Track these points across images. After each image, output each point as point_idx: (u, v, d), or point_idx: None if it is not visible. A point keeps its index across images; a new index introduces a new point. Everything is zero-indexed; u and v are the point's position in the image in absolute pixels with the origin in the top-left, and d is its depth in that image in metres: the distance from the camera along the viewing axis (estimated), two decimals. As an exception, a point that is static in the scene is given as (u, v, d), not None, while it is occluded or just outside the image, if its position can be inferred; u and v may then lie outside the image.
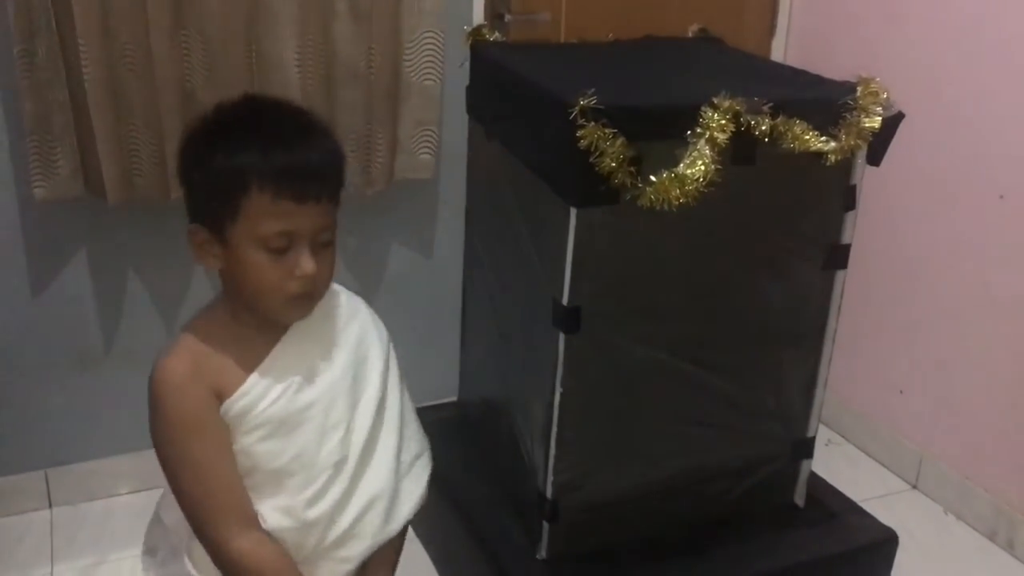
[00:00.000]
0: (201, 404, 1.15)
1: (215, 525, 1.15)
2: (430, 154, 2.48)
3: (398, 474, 1.31)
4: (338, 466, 1.20)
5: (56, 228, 2.28)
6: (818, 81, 1.59)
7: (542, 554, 1.59)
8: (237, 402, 1.16)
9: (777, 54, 2.88)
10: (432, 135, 2.47)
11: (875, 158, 1.51)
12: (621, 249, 1.45)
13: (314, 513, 1.19)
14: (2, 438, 2.38)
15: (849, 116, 1.44)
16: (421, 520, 1.99)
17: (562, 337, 1.45)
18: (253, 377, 1.17)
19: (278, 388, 1.18)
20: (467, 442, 1.91)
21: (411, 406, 1.42)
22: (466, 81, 1.84)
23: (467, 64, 1.76)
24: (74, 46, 2.04)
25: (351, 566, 1.25)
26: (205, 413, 1.15)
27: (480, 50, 1.71)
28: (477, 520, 1.71)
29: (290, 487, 1.18)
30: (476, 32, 1.73)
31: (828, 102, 1.45)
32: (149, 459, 2.46)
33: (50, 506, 2.48)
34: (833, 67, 1.82)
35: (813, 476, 1.78)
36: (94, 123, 2.10)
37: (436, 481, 1.84)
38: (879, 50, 2.54)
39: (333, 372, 1.23)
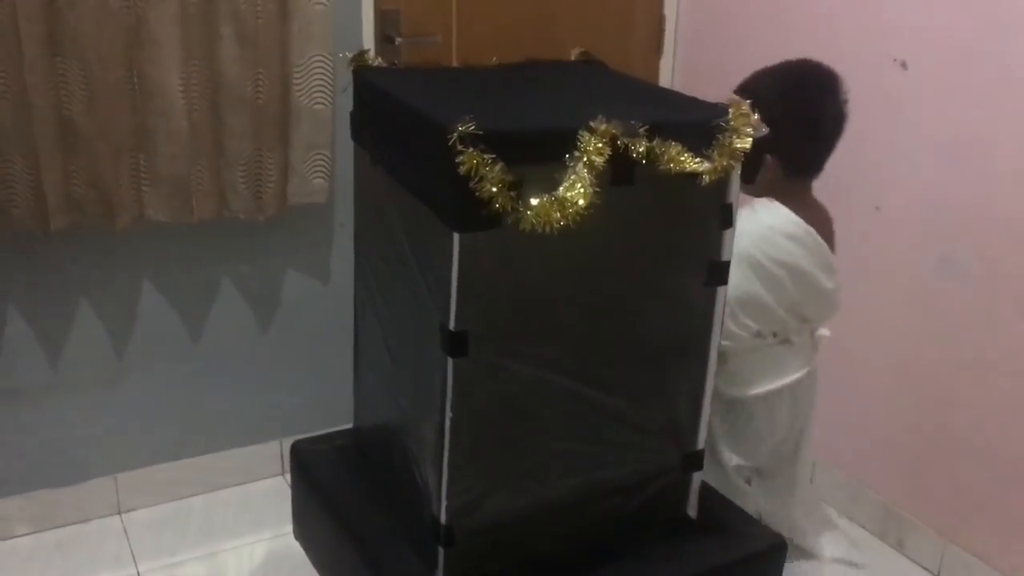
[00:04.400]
0: None
1: None
2: (323, 178, 2.47)
3: None
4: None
5: (-74, 263, 2.19)
6: (693, 103, 1.64)
7: (439, 579, 1.58)
8: None
9: (665, 75, 2.96)
10: (324, 159, 2.45)
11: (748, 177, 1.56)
12: (506, 272, 1.46)
13: None
14: None
15: (721, 137, 1.48)
16: (317, 549, 1.97)
17: (450, 361, 1.45)
18: None
19: None
20: (363, 470, 1.89)
21: None
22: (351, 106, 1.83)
23: (351, 89, 1.75)
24: (-59, 74, 1.97)
25: None
26: None
27: (362, 75, 1.70)
28: (373, 548, 1.69)
29: None
30: (358, 57, 1.73)
31: (702, 124, 1.49)
32: (36, 501, 2.38)
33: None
34: (720, 86, 1.88)
35: (705, 488, 1.82)
36: (-36, 153, 2.02)
37: (332, 510, 1.83)
38: (760, 66, 2.62)
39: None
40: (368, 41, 2.51)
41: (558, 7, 2.75)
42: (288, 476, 2.62)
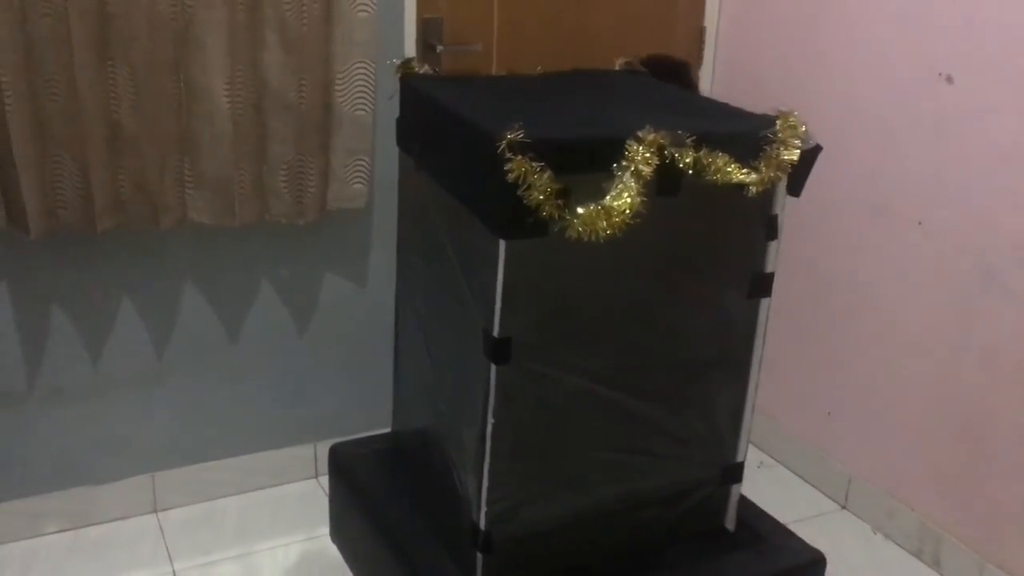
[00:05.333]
0: None
1: None
2: (363, 183, 2.48)
3: None
4: None
5: (-24, 262, 2.23)
6: (739, 114, 1.64)
7: (476, 586, 1.58)
8: None
9: (704, 85, 2.95)
10: (364, 165, 2.47)
11: (795, 189, 1.56)
12: (550, 280, 1.47)
13: None
14: (-82, 479, 2.30)
15: (769, 149, 1.48)
16: (354, 552, 1.98)
17: (493, 368, 1.46)
18: None
19: None
20: (401, 474, 1.90)
21: None
22: (397, 112, 1.85)
23: (397, 96, 1.77)
24: (-5, 77, 2.00)
25: None
26: None
27: (409, 82, 1.72)
28: (411, 552, 1.70)
29: None
30: (405, 64, 1.74)
31: (749, 135, 1.49)
32: (77, 497, 2.42)
33: (-31, 548, 2.40)
34: (758, 98, 1.87)
35: (743, 500, 1.81)
36: (16, 155, 2.06)
37: (370, 513, 1.84)
38: (802, 81, 2.62)
39: None
40: (410, 49, 2.52)
41: (598, 17, 2.76)
42: (321, 479, 2.64)
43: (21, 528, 2.45)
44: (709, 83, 2.96)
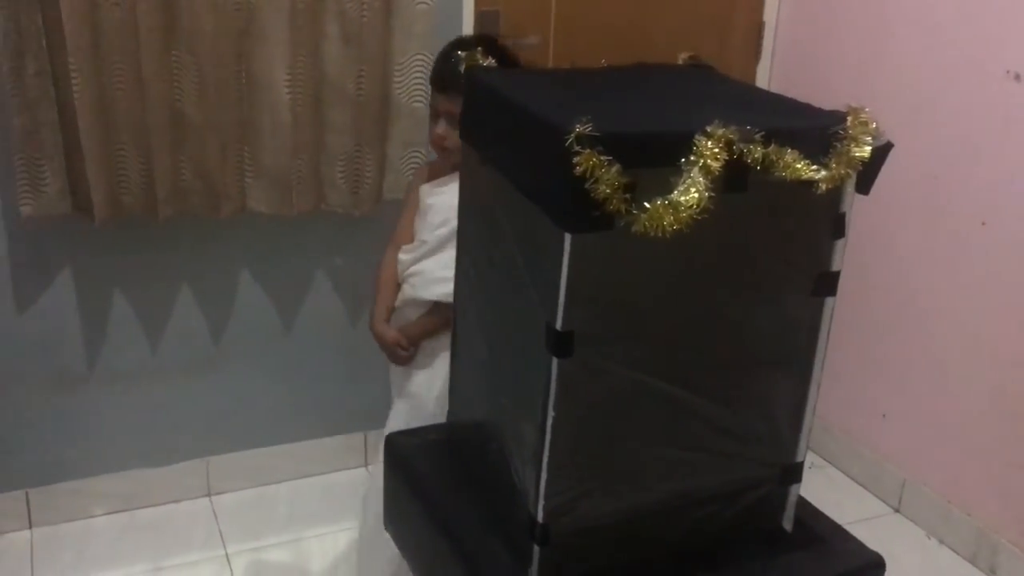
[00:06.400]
0: (413, 186, 2.17)
1: (388, 244, 2.16)
2: (418, 175, 2.49)
3: (442, 272, 1.96)
4: (420, 243, 2.06)
5: (42, 246, 2.27)
6: (807, 110, 1.61)
7: (531, 578, 1.58)
8: (418, 192, 2.10)
9: (762, 79, 2.92)
10: (420, 156, 2.48)
11: (864, 187, 1.53)
12: (614, 274, 1.46)
13: (403, 257, 2.10)
14: (-17, 458, 2.36)
15: (839, 145, 1.45)
16: (408, 541, 1.98)
17: (555, 361, 1.45)
18: (425, 184, 2.09)
19: (425, 192, 2.07)
20: (456, 464, 1.90)
21: None
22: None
23: (459, 88, 1.77)
24: (64, 65, 2.04)
25: (408, 297, 2.11)
26: (411, 191, 2.18)
27: (473, 75, 1.71)
28: (466, 543, 1.70)
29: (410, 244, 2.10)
30: (470, 57, 1.74)
31: (819, 131, 1.46)
32: (131, 479, 2.46)
33: (30, 527, 2.46)
34: (817, 92, 1.85)
35: (801, 500, 1.78)
36: (83, 142, 2.10)
37: (425, 503, 1.84)
38: (863, 78, 2.58)
39: (447, 199, 1.94)
40: (467, 41, 2.53)
41: (656, 11, 2.74)
42: (371, 468, 2.66)
43: (78, 508, 2.50)
44: (767, 79, 2.92)
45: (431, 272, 2.04)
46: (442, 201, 2.01)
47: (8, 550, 2.38)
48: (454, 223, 1.81)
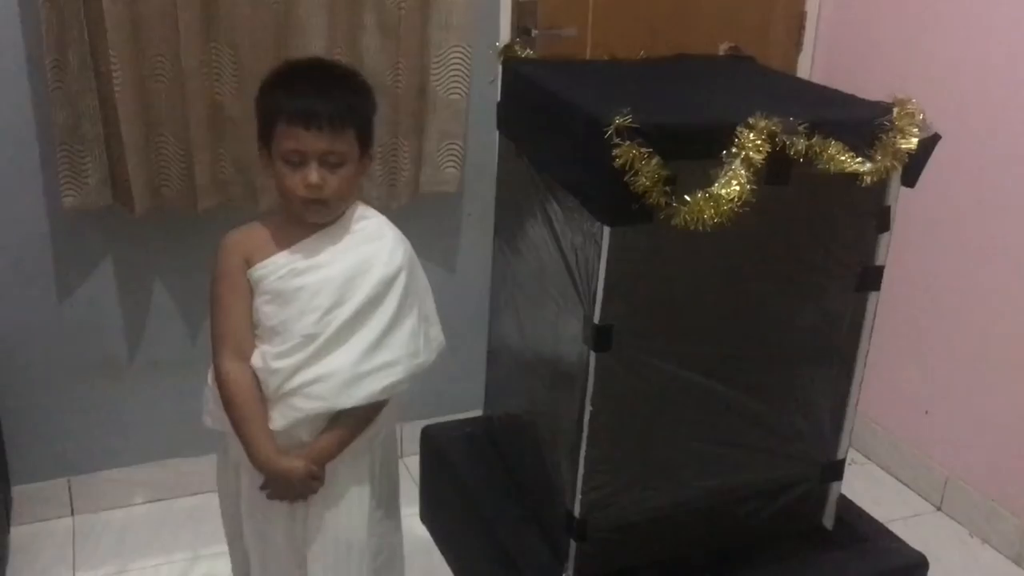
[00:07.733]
0: (234, 264, 1.60)
1: (219, 349, 1.60)
2: (455, 167, 2.49)
3: (362, 366, 1.57)
4: (307, 339, 1.55)
5: (83, 236, 2.29)
6: (851, 101, 1.58)
7: (569, 573, 1.58)
8: (257, 271, 1.57)
9: (803, 70, 2.88)
10: (457, 149, 2.47)
11: (910, 179, 1.50)
12: (653, 268, 1.44)
13: (277, 364, 1.55)
14: (25, 445, 2.39)
15: (885, 137, 1.42)
16: (445, 533, 1.99)
17: (593, 355, 1.45)
18: (275, 257, 1.57)
19: (284, 269, 1.56)
20: (492, 457, 1.91)
21: (414, 327, 1.64)
22: (494, 96, 1.84)
23: (497, 80, 1.76)
24: (105, 57, 2.05)
25: (301, 415, 1.58)
26: (235, 270, 1.59)
27: (512, 67, 1.70)
28: (502, 537, 1.70)
29: (273, 342, 1.57)
30: (508, 49, 1.73)
31: (864, 123, 1.44)
32: (170, 469, 2.48)
33: (72, 514, 2.49)
34: (860, 83, 1.81)
35: (842, 498, 1.76)
36: (123, 133, 2.11)
37: (462, 495, 1.84)
38: (906, 67, 2.53)
39: (330, 270, 1.56)
40: (505, 32, 2.51)
41: (696, 1, 2.71)
42: (406, 460, 2.66)
43: (117, 496, 2.53)
44: (809, 70, 2.88)
45: (343, 371, 1.54)
46: (325, 277, 1.54)
47: (50, 537, 2.41)
48: (359, 297, 1.54)
